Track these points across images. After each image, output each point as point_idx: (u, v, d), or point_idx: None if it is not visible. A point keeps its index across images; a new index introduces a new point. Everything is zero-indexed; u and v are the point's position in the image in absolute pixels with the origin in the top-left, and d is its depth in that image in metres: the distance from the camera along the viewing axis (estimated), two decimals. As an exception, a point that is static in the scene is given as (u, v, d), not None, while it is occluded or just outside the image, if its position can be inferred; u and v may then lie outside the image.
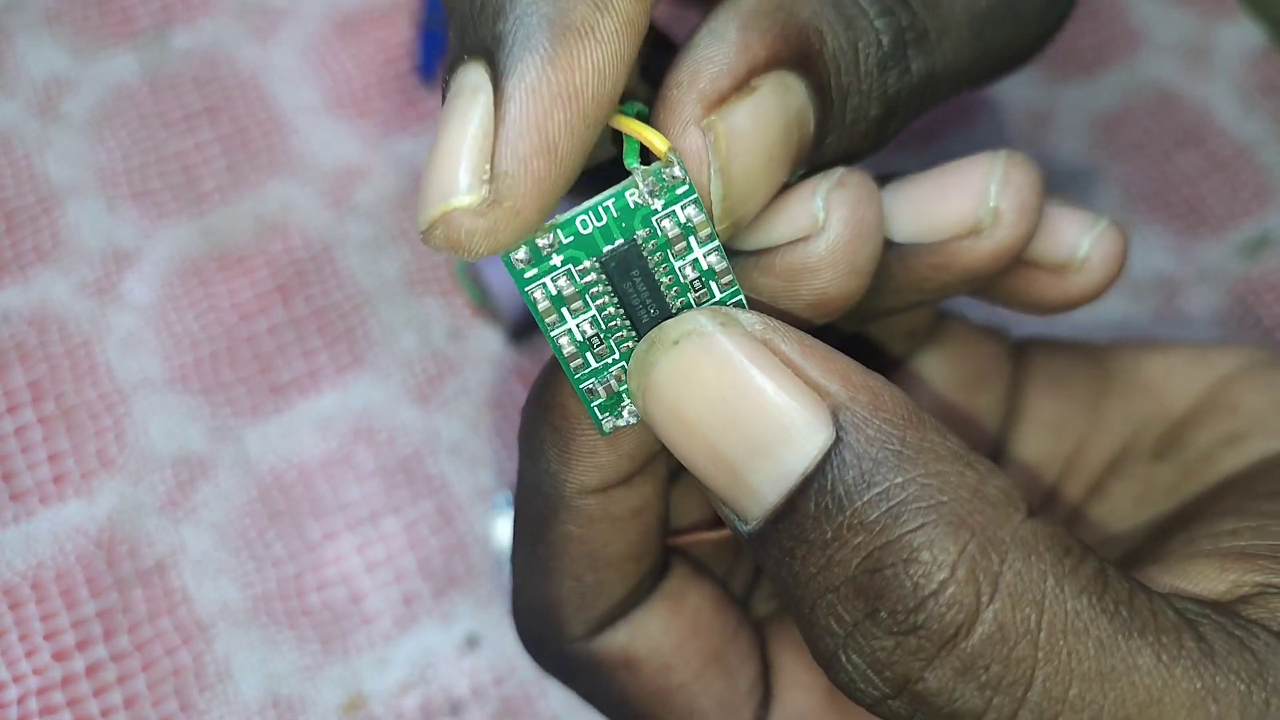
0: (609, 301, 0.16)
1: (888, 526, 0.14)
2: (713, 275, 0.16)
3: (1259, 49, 0.42)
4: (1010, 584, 0.14)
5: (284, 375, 0.34)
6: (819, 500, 0.15)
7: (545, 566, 0.19)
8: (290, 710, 0.30)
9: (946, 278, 0.19)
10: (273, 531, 0.32)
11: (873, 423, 0.15)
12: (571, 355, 0.16)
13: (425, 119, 0.39)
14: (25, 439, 0.32)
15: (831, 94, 0.17)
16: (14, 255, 0.35)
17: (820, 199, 0.17)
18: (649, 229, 0.16)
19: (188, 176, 0.37)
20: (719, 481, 0.16)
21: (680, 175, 0.15)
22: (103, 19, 0.40)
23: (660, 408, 0.16)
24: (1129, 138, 0.40)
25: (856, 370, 0.15)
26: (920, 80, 0.18)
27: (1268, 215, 0.38)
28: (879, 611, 0.14)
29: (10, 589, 0.30)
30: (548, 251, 0.15)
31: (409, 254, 0.36)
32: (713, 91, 0.15)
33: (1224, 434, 0.21)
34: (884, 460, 0.15)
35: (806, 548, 0.15)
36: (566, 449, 0.17)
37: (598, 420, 0.17)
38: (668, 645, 0.20)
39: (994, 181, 0.18)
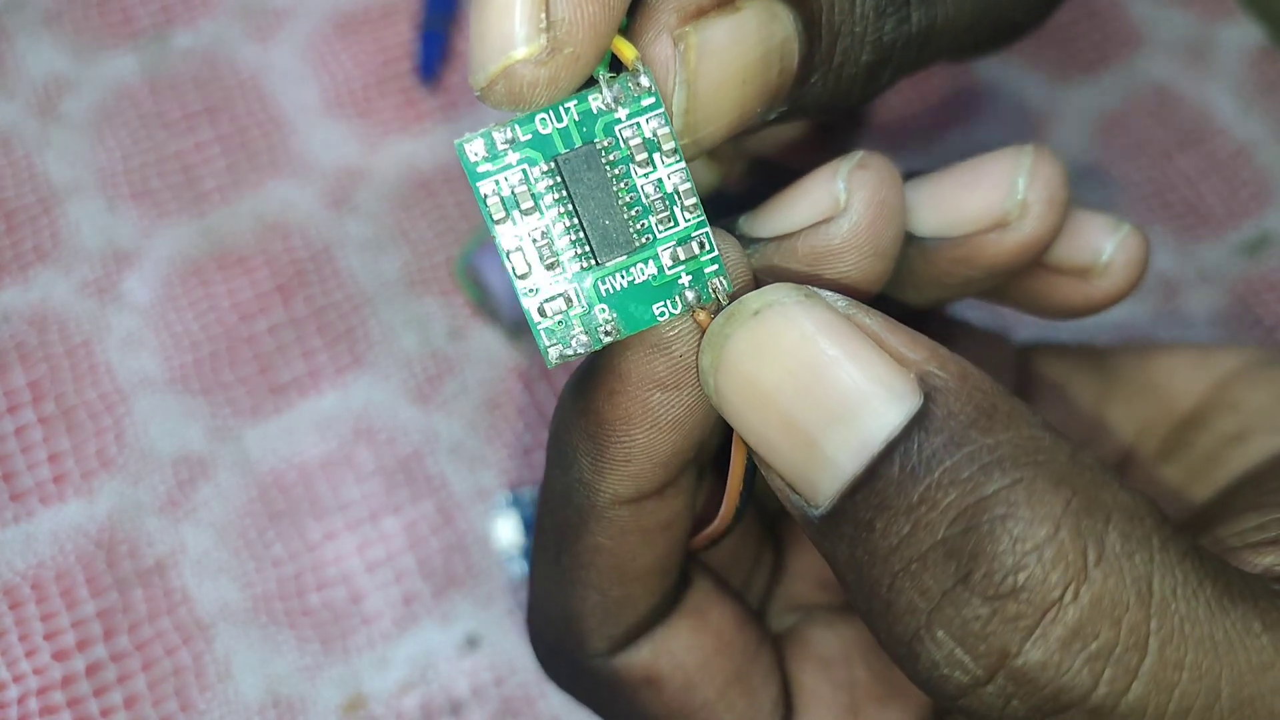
0: (563, 213, 0.15)
1: (982, 483, 0.13)
2: (675, 199, 0.15)
3: (1259, 49, 0.42)
4: (1116, 545, 0.13)
5: (284, 375, 0.34)
6: (904, 463, 0.14)
7: (570, 578, 0.18)
8: (290, 710, 0.30)
9: (970, 272, 0.18)
10: (273, 531, 0.32)
11: (962, 389, 0.14)
12: (516, 264, 0.15)
13: (425, 119, 0.39)
14: (25, 439, 0.32)
15: (821, 30, 0.16)
16: (14, 255, 0.35)
17: (842, 180, 0.16)
18: (611, 138, 0.15)
19: (188, 176, 0.37)
20: (792, 456, 0.15)
21: (647, 85, 0.15)
22: (103, 19, 0.40)
23: (734, 380, 0.15)
24: (1129, 138, 0.40)
25: (943, 348, 0.15)
26: (919, 31, 0.17)
27: (1267, 215, 0.38)
28: (973, 574, 0.13)
29: (10, 589, 0.30)
30: (504, 147, 0.15)
31: (409, 254, 0.36)
32: (692, 3, 0.15)
33: (1229, 433, 0.21)
34: (975, 423, 0.14)
35: (889, 516, 0.14)
36: (600, 457, 0.17)
37: (543, 347, 0.16)
38: (691, 663, 0.19)
39: (1022, 174, 0.18)
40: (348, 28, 0.40)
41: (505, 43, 0.14)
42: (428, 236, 0.36)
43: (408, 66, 0.40)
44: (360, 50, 0.40)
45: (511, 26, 0.14)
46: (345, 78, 0.39)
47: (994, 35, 0.19)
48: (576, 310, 0.16)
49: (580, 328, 0.16)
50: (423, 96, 0.39)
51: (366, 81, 0.39)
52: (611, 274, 0.16)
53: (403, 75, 0.39)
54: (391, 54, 0.40)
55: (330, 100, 0.39)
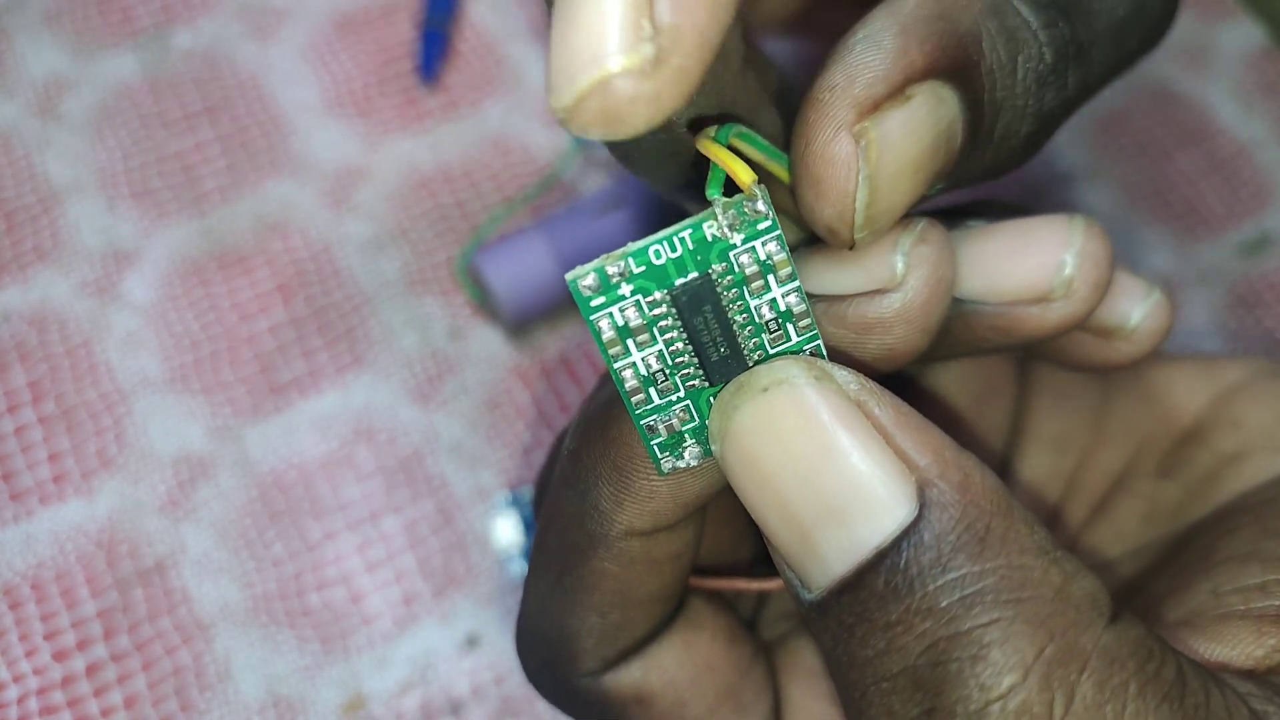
0: (677, 336, 0.15)
1: (958, 616, 0.13)
2: (790, 317, 0.15)
3: (1259, 49, 0.42)
4: (1088, 695, 0.13)
5: (284, 375, 0.34)
6: (889, 578, 0.14)
7: (570, 598, 0.18)
8: (290, 710, 0.30)
9: (1005, 339, 0.18)
10: (273, 531, 0.32)
11: (959, 504, 0.14)
12: (634, 390, 0.15)
13: (425, 119, 0.39)
14: (25, 439, 0.32)
15: (984, 109, 0.16)
16: (14, 255, 0.35)
17: (901, 255, 0.16)
18: (726, 264, 0.15)
19: (188, 176, 0.37)
20: (786, 541, 0.15)
21: (763, 210, 0.15)
22: (103, 19, 0.40)
23: (738, 454, 0.15)
24: (1129, 138, 0.40)
25: (950, 446, 0.14)
26: (1074, 95, 0.17)
27: (1267, 215, 0.38)
28: (936, 712, 0.13)
29: (10, 589, 0.30)
30: (616, 280, 0.15)
31: (409, 254, 0.36)
32: (867, 98, 0.15)
33: (1229, 451, 0.21)
34: (965, 546, 0.14)
35: (867, 627, 0.14)
36: (624, 490, 0.17)
37: (656, 459, 0.16)
38: (682, 679, 0.19)
39: (1071, 251, 0.17)
40: (348, 27, 0.40)
41: (598, 51, 0.12)
42: (428, 236, 0.36)
43: (408, 66, 0.40)
44: (360, 50, 0.40)
45: (606, 32, 0.12)
46: (345, 77, 0.39)
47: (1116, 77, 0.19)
48: (689, 425, 0.16)
49: (691, 440, 0.16)
50: (423, 96, 0.39)
51: (366, 81, 0.39)
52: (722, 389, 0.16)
53: (403, 75, 0.39)
54: (391, 54, 0.40)
55: (330, 100, 0.39)
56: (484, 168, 0.38)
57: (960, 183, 0.17)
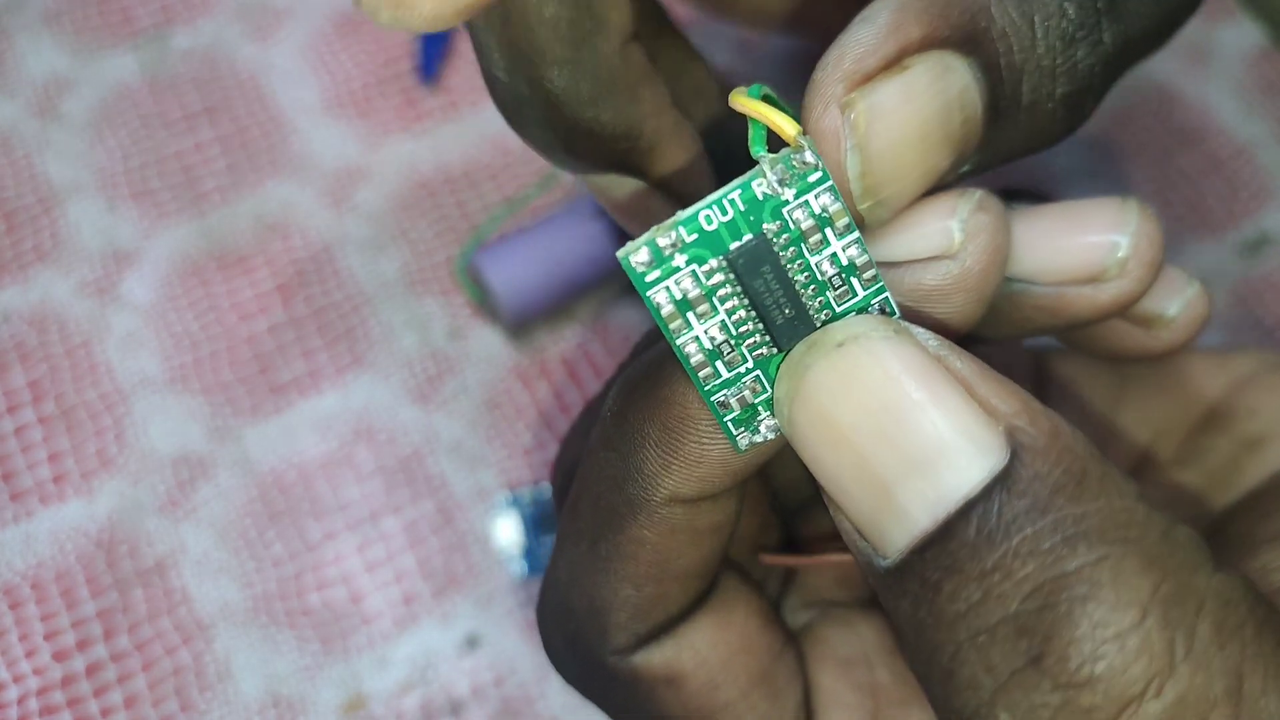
0: (739, 304, 0.15)
1: (1064, 556, 0.13)
2: (854, 270, 0.15)
3: (1259, 49, 0.42)
4: (1206, 636, 0.12)
5: (284, 375, 0.34)
6: (982, 525, 0.13)
7: (604, 567, 0.17)
8: (290, 710, 0.30)
9: (1052, 320, 0.18)
10: (273, 531, 0.32)
11: (1053, 449, 0.13)
12: (700, 365, 0.15)
13: (425, 119, 0.39)
14: (25, 439, 0.32)
15: (1002, 74, 0.15)
16: (14, 255, 0.35)
17: (959, 222, 0.16)
18: (780, 222, 0.14)
19: (188, 176, 0.37)
20: (863, 502, 0.14)
21: (812, 161, 0.14)
22: (103, 19, 0.40)
23: (810, 414, 0.14)
24: (1129, 138, 0.40)
25: (1034, 399, 0.14)
26: (1116, 50, 0.16)
27: (1267, 215, 0.38)
28: (1045, 658, 0.12)
29: (10, 589, 0.30)
30: (669, 251, 0.14)
31: (409, 254, 0.36)
32: (857, 71, 0.14)
33: (1246, 439, 0.21)
34: (1063, 488, 0.13)
35: (958, 579, 0.13)
36: (672, 452, 0.16)
37: (732, 437, 0.15)
38: (715, 661, 0.18)
39: (1127, 231, 0.17)
40: (348, 27, 0.40)
41: None
42: (428, 236, 0.36)
43: (408, 66, 0.40)
44: (360, 50, 0.40)
45: None
46: (345, 78, 0.39)
47: (1170, 32, 0.19)
48: (762, 396, 0.15)
49: (766, 413, 0.15)
50: (423, 96, 0.39)
51: (366, 81, 0.39)
52: None
53: (403, 75, 0.39)
54: (391, 54, 0.40)
55: (330, 100, 0.39)
56: (484, 168, 0.38)
57: (1001, 156, 0.17)
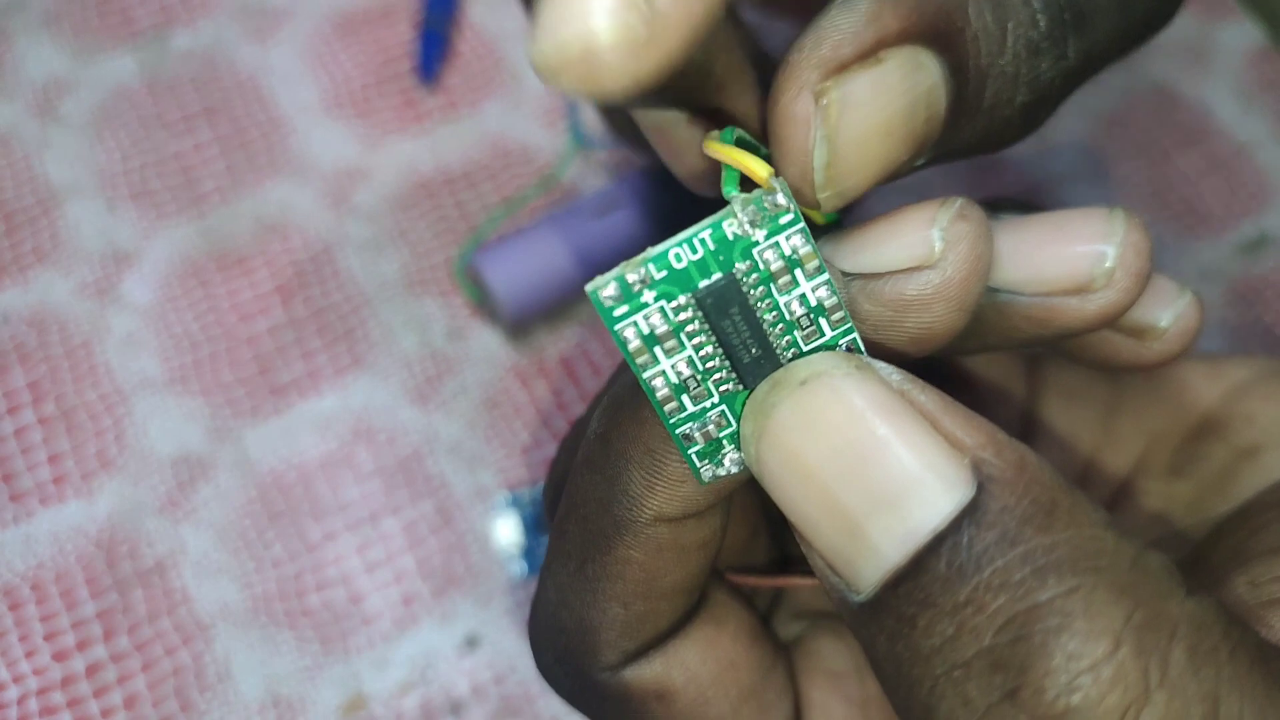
0: (706, 341, 0.15)
1: (1035, 588, 0.13)
2: (822, 311, 0.15)
3: (1259, 49, 0.42)
4: (1181, 662, 0.12)
5: (284, 376, 0.34)
6: (952, 558, 0.13)
7: (592, 587, 0.18)
8: (290, 710, 0.30)
9: (1039, 331, 0.17)
10: (273, 532, 0.32)
11: (1019, 480, 0.13)
12: (665, 399, 0.15)
13: (425, 119, 0.39)
14: (25, 439, 0.32)
15: (969, 75, 0.16)
16: (14, 256, 0.35)
17: (939, 231, 0.16)
18: (750, 262, 0.14)
19: (187, 177, 0.37)
20: (833, 539, 0.14)
21: (784, 204, 0.14)
22: (102, 20, 0.40)
23: (777, 453, 0.14)
24: (1129, 138, 0.40)
25: (999, 431, 0.14)
26: (1078, 64, 0.17)
27: (1267, 215, 0.38)
28: (1021, 691, 0.12)
29: (10, 589, 0.30)
30: (638, 287, 0.14)
31: (408, 254, 0.36)
32: (833, 59, 0.15)
33: (1241, 447, 0.21)
34: (1031, 519, 0.13)
35: (932, 614, 0.13)
36: (656, 474, 0.16)
37: (696, 469, 0.16)
38: (705, 676, 0.18)
39: (1114, 242, 0.17)
40: (347, 28, 0.40)
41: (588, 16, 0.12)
42: (427, 236, 0.36)
43: (408, 66, 0.40)
44: (360, 50, 0.40)
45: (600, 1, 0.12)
46: (345, 78, 0.39)
47: (1129, 47, 0.19)
48: (727, 430, 0.15)
49: (730, 446, 0.15)
50: (423, 96, 0.39)
51: (366, 81, 0.39)
52: None
53: (403, 75, 0.39)
54: (391, 54, 0.40)
55: (330, 100, 0.39)
56: (483, 168, 0.38)
57: (951, 153, 0.17)
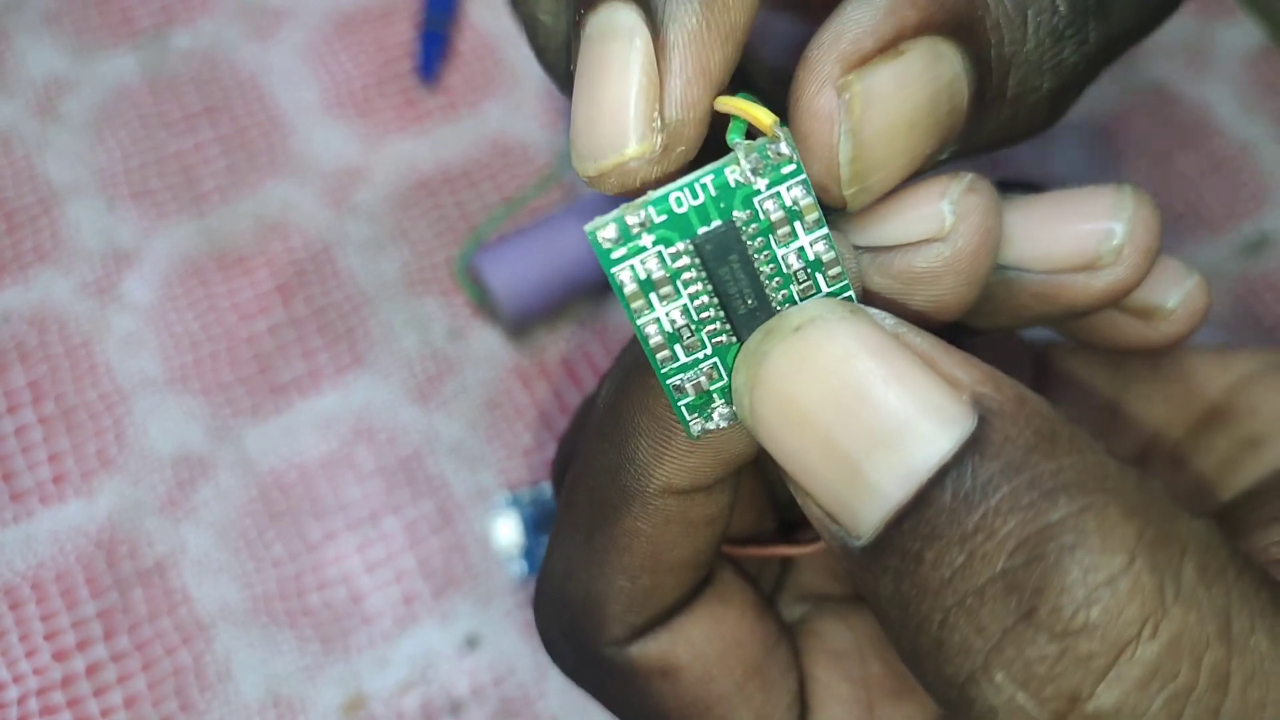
0: (702, 289, 0.15)
1: (1046, 510, 0.13)
2: (819, 266, 0.15)
3: (1259, 49, 0.42)
4: (1193, 578, 0.13)
5: (284, 375, 0.34)
6: (957, 489, 0.13)
7: (599, 559, 0.17)
8: (290, 710, 0.30)
9: (1047, 308, 0.17)
10: (273, 531, 0.32)
11: (1020, 414, 0.13)
12: (658, 347, 0.15)
13: (425, 119, 0.39)
14: (25, 439, 0.32)
15: (991, 64, 0.16)
16: (14, 255, 0.35)
17: (949, 203, 0.16)
18: (750, 210, 0.14)
19: (188, 176, 0.37)
20: (832, 483, 0.14)
21: (787, 153, 0.14)
22: (103, 19, 0.40)
23: (771, 400, 0.14)
24: (1129, 138, 0.40)
25: (998, 371, 0.14)
26: (1099, 48, 0.17)
27: (1267, 215, 0.38)
28: (1038, 609, 0.12)
29: (10, 589, 0.30)
30: (637, 230, 0.14)
31: (409, 254, 0.36)
32: (854, 52, 0.15)
33: (1245, 438, 0.21)
34: (1036, 447, 0.13)
35: (940, 545, 0.13)
36: (664, 443, 0.16)
37: (685, 421, 0.15)
38: (711, 653, 0.18)
39: (1123, 218, 0.17)
40: (348, 28, 0.40)
41: (617, 140, 0.14)
42: (428, 236, 0.36)
43: (408, 66, 0.40)
44: (360, 50, 0.40)
45: (624, 125, 0.14)
46: (345, 78, 0.39)
47: (1149, 29, 0.19)
48: (718, 383, 0.15)
49: (721, 400, 0.15)
50: (423, 96, 0.39)
51: (366, 81, 0.39)
52: None
53: (403, 75, 0.39)
54: (391, 54, 0.40)
55: (330, 100, 0.39)
56: (483, 168, 0.38)
57: (980, 145, 0.17)
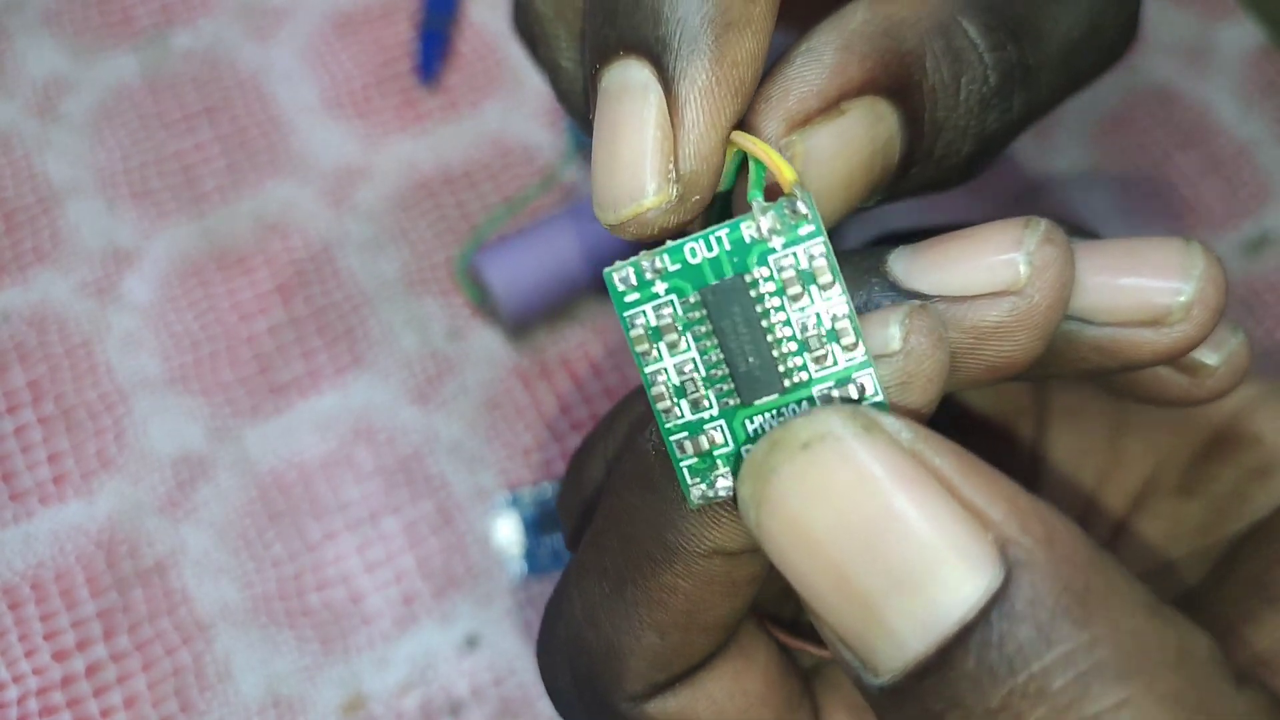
0: (711, 346, 0.14)
1: (1078, 700, 0.12)
2: (834, 337, 0.14)
3: (1259, 49, 0.42)
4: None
5: (284, 375, 0.34)
6: (982, 657, 0.12)
7: (630, 612, 0.17)
8: (290, 710, 0.30)
9: (1106, 362, 0.17)
10: (273, 531, 0.32)
11: (1049, 562, 0.12)
12: (660, 397, 0.15)
13: (425, 119, 0.39)
14: (25, 439, 0.32)
15: (924, 127, 0.16)
16: (14, 255, 0.35)
17: (1025, 255, 0.15)
18: (765, 268, 0.14)
19: (188, 176, 0.37)
20: (846, 618, 0.13)
21: (805, 212, 0.14)
22: (103, 19, 0.40)
23: (781, 522, 0.13)
24: (1129, 138, 0.40)
25: (1023, 495, 0.13)
26: (1020, 117, 0.17)
27: (1267, 215, 0.38)
28: None
29: (10, 589, 0.30)
30: (651, 277, 0.14)
31: (409, 254, 0.36)
32: (799, 111, 0.15)
33: (1252, 468, 0.20)
34: (1066, 611, 0.12)
35: (961, 715, 0.12)
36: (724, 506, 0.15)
37: (685, 485, 0.15)
38: (733, 710, 0.18)
39: (1193, 275, 0.16)
40: (347, 28, 0.40)
41: (636, 191, 0.15)
42: (428, 236, 0.36)
43: (408, 66, 0.40)
44: (360, 50, 0.40)
45: (642, 177, 0.15)
46: (345, 78, 0.39)
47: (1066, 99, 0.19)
48: (722, 449, 0.15)
49: (724, 468, 0.15)
50: (423, 96, 0.39)
51: (366, 81, 0.39)
52: (760, 413, 0.15)
53: (403, 75, 0.39)
54: (391, 54, 0.40)
55: (330, 100, 0.39)
56: (483, 168, 0.38)
57: (896, 197, 0.17)
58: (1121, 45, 0.19)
